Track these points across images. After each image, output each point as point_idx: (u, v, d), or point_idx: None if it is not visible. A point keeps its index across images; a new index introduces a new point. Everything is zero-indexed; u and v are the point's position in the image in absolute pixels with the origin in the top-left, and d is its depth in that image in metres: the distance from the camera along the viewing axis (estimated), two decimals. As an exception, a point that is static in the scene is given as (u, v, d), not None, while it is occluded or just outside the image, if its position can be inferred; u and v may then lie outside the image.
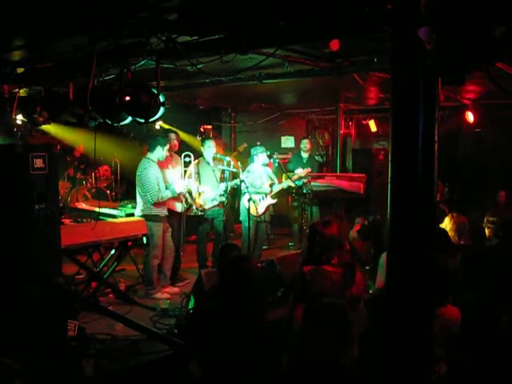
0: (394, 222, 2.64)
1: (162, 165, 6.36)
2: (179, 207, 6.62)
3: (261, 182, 7.37)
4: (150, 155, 6.22)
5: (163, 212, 6.26)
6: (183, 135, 9.47)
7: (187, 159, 6.74)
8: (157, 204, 6.13)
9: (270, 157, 7.73)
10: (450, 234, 4.98)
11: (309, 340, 2.73)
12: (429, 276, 2.60)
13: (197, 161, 6.86)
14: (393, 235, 2.65)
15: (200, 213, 6.78)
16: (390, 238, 2.67)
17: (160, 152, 6.21)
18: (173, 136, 6.79)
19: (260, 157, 7.37)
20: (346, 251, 3.67)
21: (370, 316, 3.08)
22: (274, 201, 7.50)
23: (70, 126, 8.11)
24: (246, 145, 10.33)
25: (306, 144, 8.96)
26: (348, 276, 3.49)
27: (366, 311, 3.26)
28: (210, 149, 6.90)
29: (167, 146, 6.31)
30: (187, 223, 6.72)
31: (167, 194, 6.16)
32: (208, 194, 6.79)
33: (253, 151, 7.55)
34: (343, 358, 2.62)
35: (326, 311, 2.75)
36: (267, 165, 7.63)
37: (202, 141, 7.15)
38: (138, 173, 6.18)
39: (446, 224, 5.22)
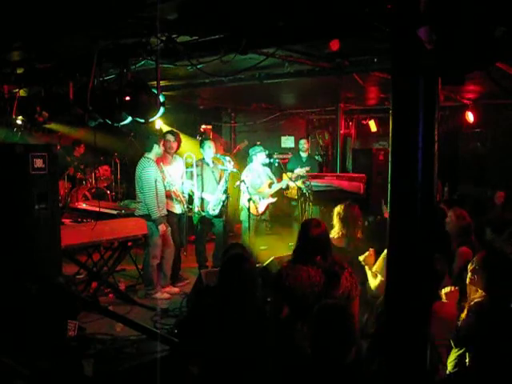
0: (393, 222, 2.64)
1: (159, 161, 6.35)
2: (178, 209, 6.62)
3: (260, 182, 7.37)
4: (147, 154, 6.21)
5: (163, 212, 6.26)
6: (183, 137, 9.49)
7: (189, 160, 6.73)
8: (161, 197, 6.15)
9: (269, 156, 7.72)
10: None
11: (310, 341, 2.72)
12: (428, 275, 2.61)
13: (199, 163, 6.86)
14: (392, 235, 2.66)
15: (203, 213, 6.78)
16: (390, 238, 2.67)
17: (157, 149, 6.22)
18: (171, 138, 6.75)
19: (259, 156, 7.37)
20: (332, 255, 3.62)
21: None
22: (274, 200, 7.50)
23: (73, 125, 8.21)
24: (246, 142, 10.29)
25: (303, 144, 8.98)
26: (330, 279, 3.45)
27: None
28: (209, 149, 6.90)
29: (162, 142, 6.30)
30: (187, 223, 6.72)
31: (160, 206, 6.15)
32: (210, 199, 6.79)
33: (251, 151, 7.55)
34: (346, 358, 2.61)
35: (328, 313, 2.75)
36: (268, 164, 7.61)
37: (201, 142, 7.13)
38: (137, 173, 6.18)
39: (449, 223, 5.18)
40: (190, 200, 6.87)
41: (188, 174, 6.78)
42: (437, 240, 2.66)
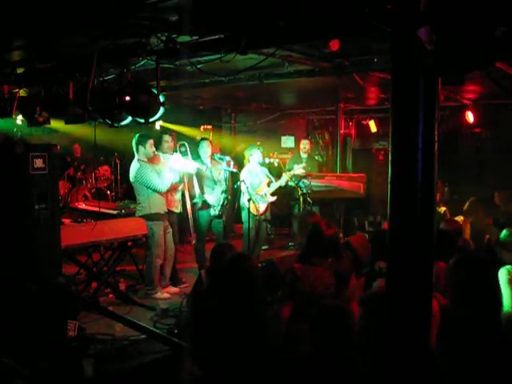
0: (393, 222, 2.64)
1: (153, 161, 6.33)
2: (177, 207, 6.60)
3: (259, 181, 7.37)
4: (137, 157, 6.19)
5: (163, 209, 6.23)
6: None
7: (183, 149, 6.69)
8: (160, 196, 6.13)
9: (266, 156, 7.73)
10: None
11: (310, 341, 2.72)
12: (429, 277, 2.60)
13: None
14: (392, 236, 2.65)
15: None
16: (390, 239, 2.66)
17: (143, 150, 6.16)
18: (168, 138, 6.71)
19: (255, 156, 7.37)
20: (343, 257, 3.66)
21: (365, 315, 3.06)
22: (274, 198, 7.50)
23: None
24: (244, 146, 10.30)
25: (305, 145, 8.97)
26: (341, 280, 3.48)
27: (361, 311, 3.25)
28: (205, 149, 6.89)
29: (148, 143, 6.20)
30: (186, 223, 6.71)
31: (172, 177, 6.10)
32: (210, 199, 6.79)
33: (246, 153, 7.57)
34: (342, 359, 2.62)
35: (326, 313, 2.75)
36: (266, 163, 7.58)
37: (198, 142, 7.13)
38: (130, 176, 6.16)
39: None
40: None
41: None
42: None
